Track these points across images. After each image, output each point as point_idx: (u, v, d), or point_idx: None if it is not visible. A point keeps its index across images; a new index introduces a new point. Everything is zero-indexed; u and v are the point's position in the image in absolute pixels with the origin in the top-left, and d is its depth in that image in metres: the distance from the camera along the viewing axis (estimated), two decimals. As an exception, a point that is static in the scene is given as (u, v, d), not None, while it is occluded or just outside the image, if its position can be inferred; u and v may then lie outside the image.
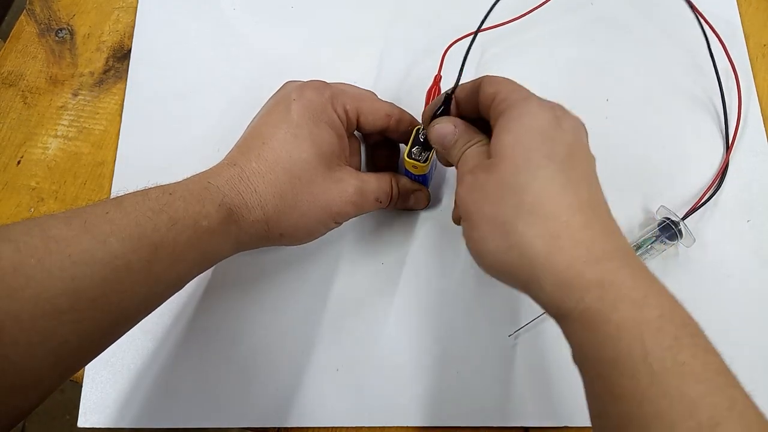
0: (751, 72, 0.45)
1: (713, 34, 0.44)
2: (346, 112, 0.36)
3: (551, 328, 0.38)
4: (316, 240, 0.37)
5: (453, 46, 0.40)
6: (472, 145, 0.32)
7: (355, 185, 0.35)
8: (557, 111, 0.30)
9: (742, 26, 0.47)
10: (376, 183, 0.37)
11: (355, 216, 0.37)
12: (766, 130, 0.44)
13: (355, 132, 0.39)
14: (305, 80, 0.36)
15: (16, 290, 0.24)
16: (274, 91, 0.37)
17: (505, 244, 0.27)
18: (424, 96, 0.39)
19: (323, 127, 0.34)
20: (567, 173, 0.27)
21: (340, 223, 0.37)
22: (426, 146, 0.36)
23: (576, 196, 0.27)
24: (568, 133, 0.29)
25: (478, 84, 0.32)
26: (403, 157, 0.37)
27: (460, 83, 0.34)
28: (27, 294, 0.24)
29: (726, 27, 0.46)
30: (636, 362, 0.23)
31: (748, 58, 0.45)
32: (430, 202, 0.41)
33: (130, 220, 0.28)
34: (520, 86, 0.31)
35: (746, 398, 0.23)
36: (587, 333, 0.25)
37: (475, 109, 0.33)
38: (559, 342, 0.26)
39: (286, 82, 0.37)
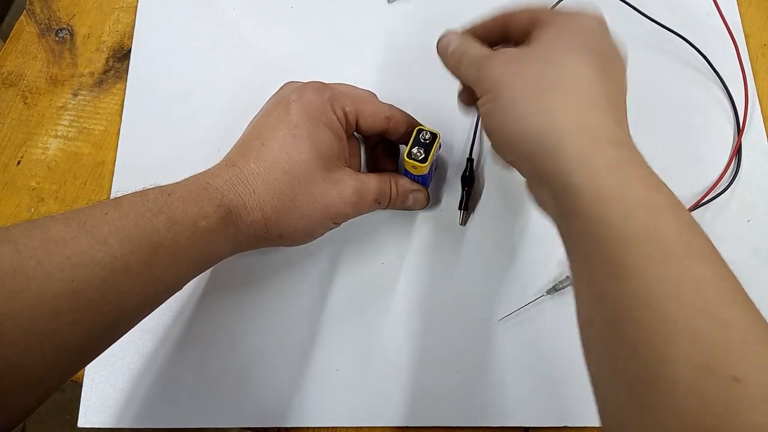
0: (751, 72, 0.45)
1: (716, 35, 0.44)
2: (345, 114, 0.36)
3: (548, 322, 0.38)
4: (315, 240, 0.37)
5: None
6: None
7: (354, 186, 0.35)
8: (603, 22, 0.31)
9: (742, 26, 0.46)
10: (375, 184, 0.37)
11: (354, 217, 0.37)
12: (766, 130, 0.44)
13: (355, 133, 0.39)
14: (305, 81, 0.36)
15: (16, 291, 0.24)
16: (274, 91, 0.37)
17: (534, 109, 0.28)
18: (425, 97, 0.39)
19: (322, 128, 0.34)
20: (603, 70, 0.29)
21: (339, 224, 0.37)
22: (426, 147, 0.36)
23: (604, 88, 0.28)
24: (610, 40, 0.31)
25: (503, 19, 0.33)
26: (402, 157, 0.37)
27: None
28: (27, 295, 0.24)
29: (725, 26, 0.46)
30: (649, 241, 0.23)
31: (748, 58, 0.45)
32: (430, 202, 0.41)
33: (129, 221, 0.28)
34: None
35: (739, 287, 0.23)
36: (599, 208, 0.25)
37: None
38: (558, 339, 0.26)
39: (286, 83, 0.37)
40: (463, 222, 0.41)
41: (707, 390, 0.20)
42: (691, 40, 0.45)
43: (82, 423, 0.38)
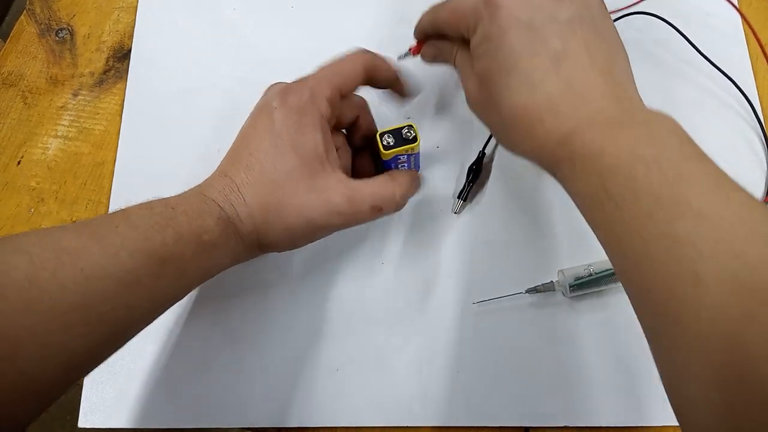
0: (751, 72, 0.45)
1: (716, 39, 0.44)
2: (329, 100, 0.34)
3: (550, 325, 0.38)
4: (315, 241, 0.37)
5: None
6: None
7: (343, 193, 0.33)
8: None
9: (742, 27, 0.46)
10: (370, 188, 0.34)
11: (346, 227, 0.35)
12: (766, 129, 0.43)
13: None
14: (288, 82, 0.36)
15: (32, 303, 0.24)
16: None
17: (510, 146, 0.32)
18: (429, 95, 0.39)
19: (307, 131, 0.33)
20: (533, 70, 0.29)
21: (326, 235, 0.35)
22: (401, 131, 0.35)
23: (544, 89, 0.29)
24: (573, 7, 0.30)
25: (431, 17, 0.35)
26: (385, 152, 0.35)
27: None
28: (41, 307, 0.24)
29: (726, 27, 0.46)
30: (603, 201, 0.26)
31: (748, 57, 0.45)
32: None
33: (139, 234, 0.28)
34: None
35: (704, 195, 0.23)
36: (572, 190, 0.28)
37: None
38: (559, 341, 0.26)
39: (270, 86, 0.36)
40: (458, 211, 0.41)
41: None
42: (692, 41, 0.45)
43: (82, 423, 0.38)
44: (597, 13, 0.30)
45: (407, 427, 0.37)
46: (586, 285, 0.37)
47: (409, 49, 0.38)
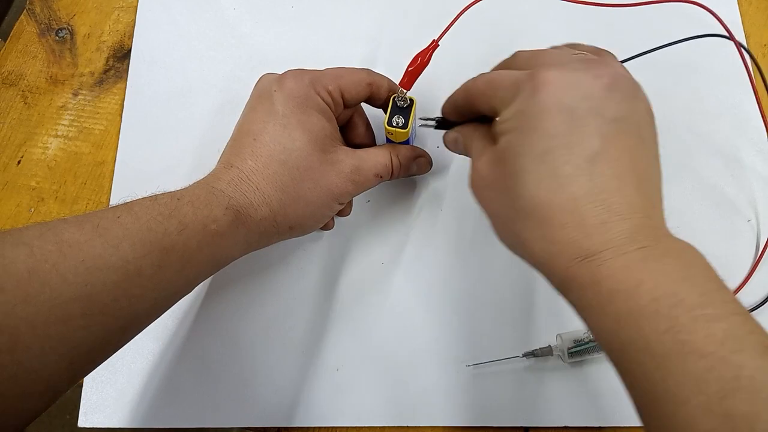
0: (752, 71, 0.45)
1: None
2: (329, 93, 0.35)
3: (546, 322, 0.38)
4: (315, 241, 0.37)
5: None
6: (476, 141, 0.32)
7: (352, 164, 0.35)
8: (595, 80, 0.27)
9: (743, 26, 0.46)
10: (373, 159, 0.36)
11: (358, 193, 0.37)
12: (766, 129, 0.43)
13: None
14: (281, 72, 0.36)
15: (31, 295, 0.24)
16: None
17: (514, 242, 0.28)
18: (428, 96, 0.39)
19: (311, 113, 0.34)
20: (564, 163, 0.26)
21: (344, 204, 0.37)
22: (404, 112, 0.36)
23: (572, 189, 0.25)
24: (612, 105, 0.26)
25: (462, 91, 0.32)
26: (383, 125, 0.36)
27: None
28: (41, 299, 0.24)
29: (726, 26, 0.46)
30: (639, 350, 0.23)
31: (749, 57, 0.45)
32: (432, 166, 0.41)
33: (142, 224, 0.28)
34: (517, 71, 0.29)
35: (756, 360, 0.21)
36: (593, 323, 0.25)
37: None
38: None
39: (262, 76, 0.37)
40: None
41: None
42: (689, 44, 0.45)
43: (82, 423, 0.38)
44: (644, 118, 0.27)
45: (407, 427, 0.37)
46: (585, 351, 0.36)
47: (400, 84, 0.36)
